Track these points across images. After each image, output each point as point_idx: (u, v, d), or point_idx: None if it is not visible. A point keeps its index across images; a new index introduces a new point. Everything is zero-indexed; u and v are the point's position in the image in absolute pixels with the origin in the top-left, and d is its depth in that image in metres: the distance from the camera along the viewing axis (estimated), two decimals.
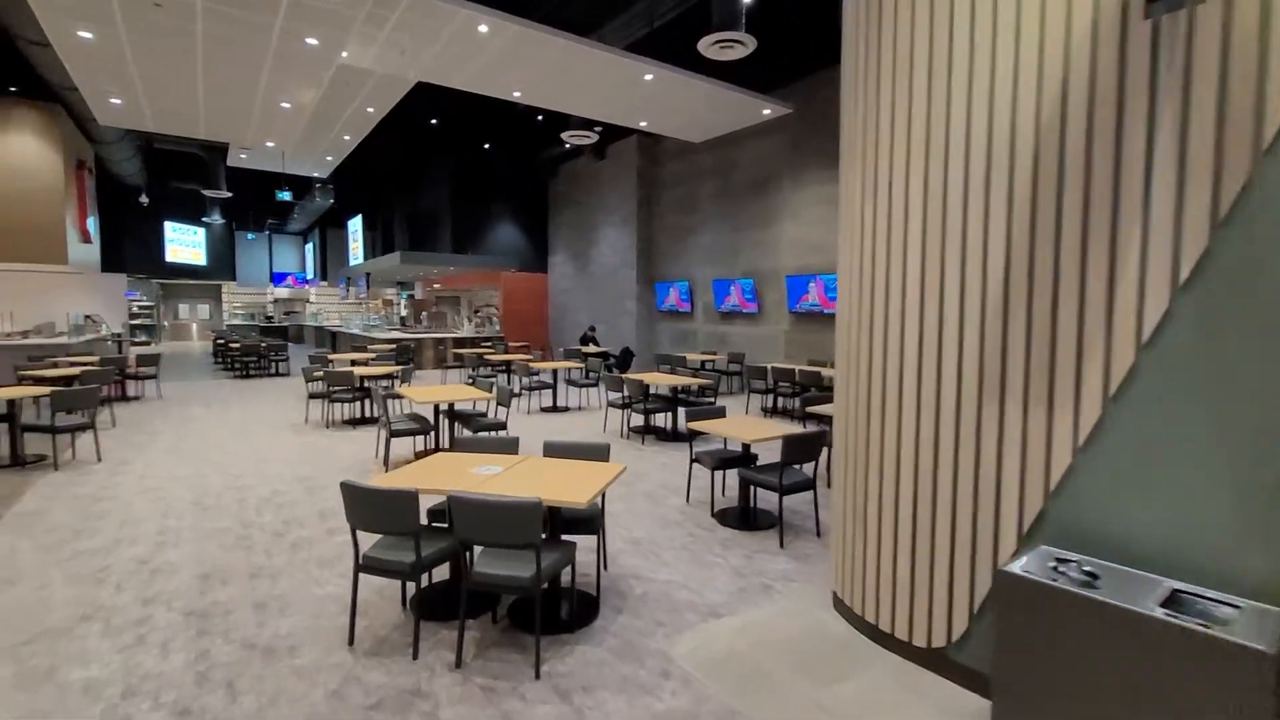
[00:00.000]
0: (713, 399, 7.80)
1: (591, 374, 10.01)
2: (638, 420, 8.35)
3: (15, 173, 11.47)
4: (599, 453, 3.69)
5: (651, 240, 14.64)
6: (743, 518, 4.59)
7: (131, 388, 11.08)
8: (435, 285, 24.70)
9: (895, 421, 2.77)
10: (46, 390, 6.03)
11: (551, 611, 3.13)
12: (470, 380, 11.95)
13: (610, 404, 7.85)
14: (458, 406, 6.57)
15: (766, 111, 9.90)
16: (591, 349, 13.45)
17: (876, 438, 2.86)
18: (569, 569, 3.13)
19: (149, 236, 22.14)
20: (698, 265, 13.31)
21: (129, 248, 21.24)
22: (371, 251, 22.49)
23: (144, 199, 14.61)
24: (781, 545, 4.15)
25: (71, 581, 3.52)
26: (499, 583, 2.67)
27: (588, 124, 11.83)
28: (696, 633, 3.02)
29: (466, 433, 6.44)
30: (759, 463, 4.68)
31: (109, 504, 4.92)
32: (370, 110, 11.58)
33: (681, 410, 8.46)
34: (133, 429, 7.95)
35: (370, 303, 26.99)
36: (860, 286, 2.99)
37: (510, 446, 3.85)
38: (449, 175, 17.56)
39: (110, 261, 19.05)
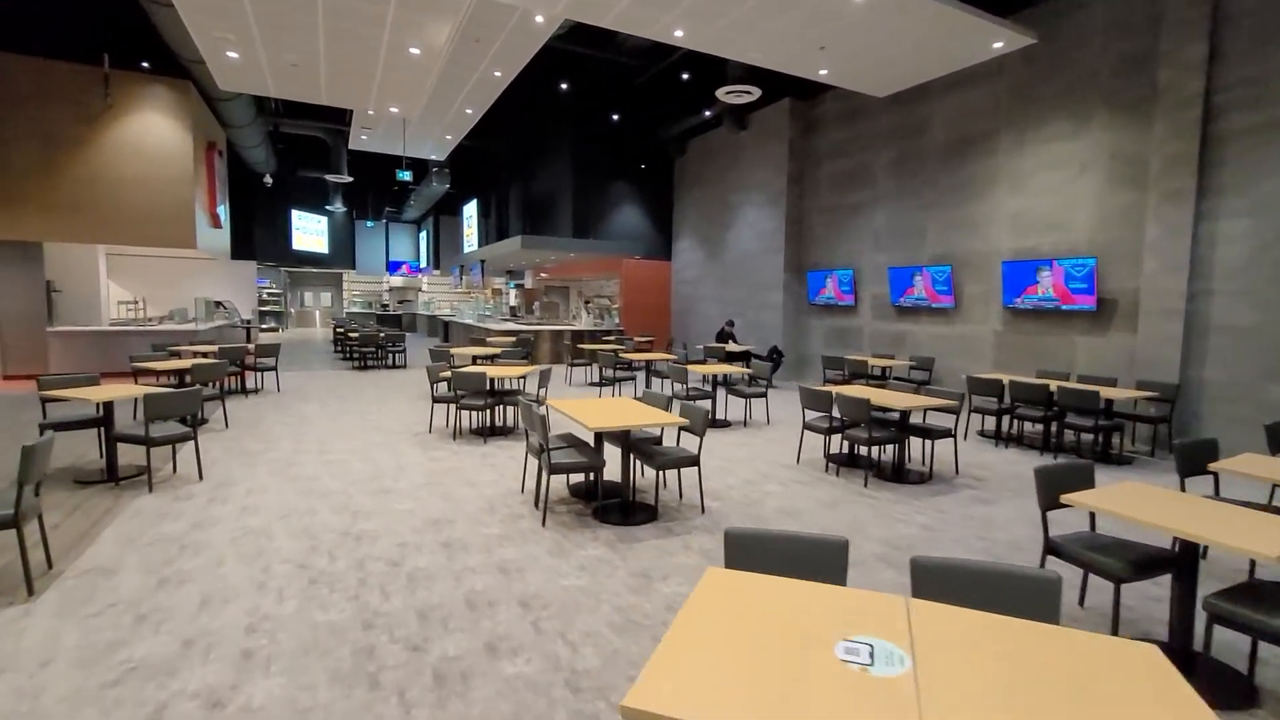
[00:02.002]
0: (951, 427, 5.74)
1: (759, 380, 8.16)
2: (820, 446, 6.42)
3: (146, 152, 11.13)
4: (1042, 596, 1.82)
5: (802, 222, 12.54)
6: (1213, 680, 2.58)
7: (250, 379, 10.44)
8: (543, 274, 23.76)
9: None
10: (142, 391, 4.96)
11: None
12: (606, 382, 10.47)
13: (809, 426, 5.96)
14: (601, 426, 4.92)
15: (998, 45, 7.58)
16: (733, 346, 11.61)
17: None
18: None
19: (277, 224, 22.56)
20: (865, 250, 11.09)
21: (259, 235, 21.67)
22: (485, 239, 21.76)
23: (268, 179, 14.31)
24: None
25: None
26: None
27: (745, 79, 9.94)
28: None
29: (646, 469, 4.80)
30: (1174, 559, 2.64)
31: (194, 560, 3.64)
32: (498, 74, 10.28)
33: (916, 441, 6.44)
34: (244, 431, 6.97)
35: (478, 292, 26.54)
36: None
37: (832, 559, 2.07)
38: (570, 156, 16.23)
39: (241, 249, 19.33)
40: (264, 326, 24.30)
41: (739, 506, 4.81)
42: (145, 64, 11.09)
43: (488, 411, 7.04)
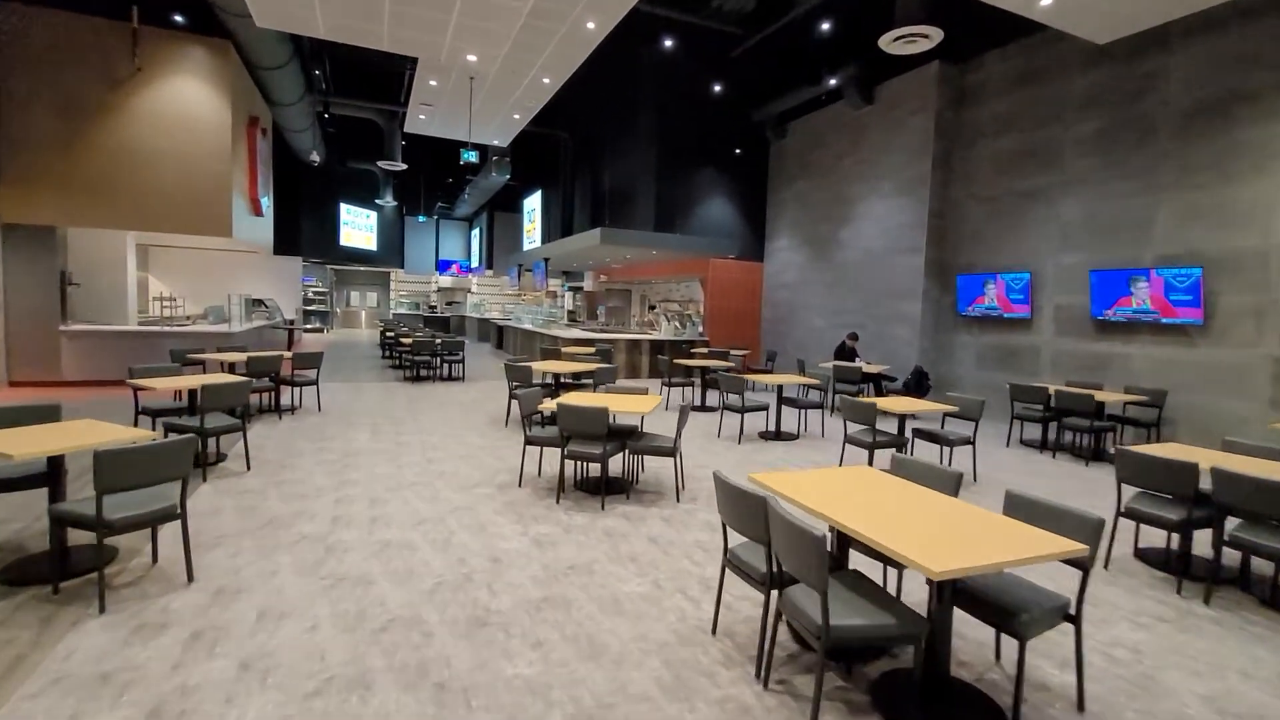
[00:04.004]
0: None
1: (966, 417, 5.93)
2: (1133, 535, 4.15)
3: (179, 123, 9.54)
4: None
5: (949, 215, 10.24)
6: None
7: (286, 393, 8.69)
8: (603, 276, 21.85)
9: None
10: (92, 444, 3.07)
11: None
12: (729, 409, 7.50)
13: (1134, 514, 3.72)
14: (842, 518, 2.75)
15: None
16: (865, 366, 9.36)
17: None
18: None
19: (324, 218, 21.19)
20: (1048, 248, 8.74)
21: (306, 229, 20.29)
22: (548, 235, 19.93)
23: (314, 157, 12.69)
24: None
25: None
26: None
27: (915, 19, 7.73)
28: None
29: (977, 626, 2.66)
30: None
31: None
32: (591, 25, 8.34)
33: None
34: (270, 477, 5.08)
35: (533, 294, 24.76)
36: None
37: None
38: (649, 142, 14.21)
39: (286, 243, 17.93)
40: (308, 327, 23.02)
41: (1118, 687, 2.62)
42: (179, 18, 9.52)
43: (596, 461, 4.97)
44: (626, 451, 5.04)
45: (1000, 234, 9.39)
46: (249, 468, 5.32)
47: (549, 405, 4.82)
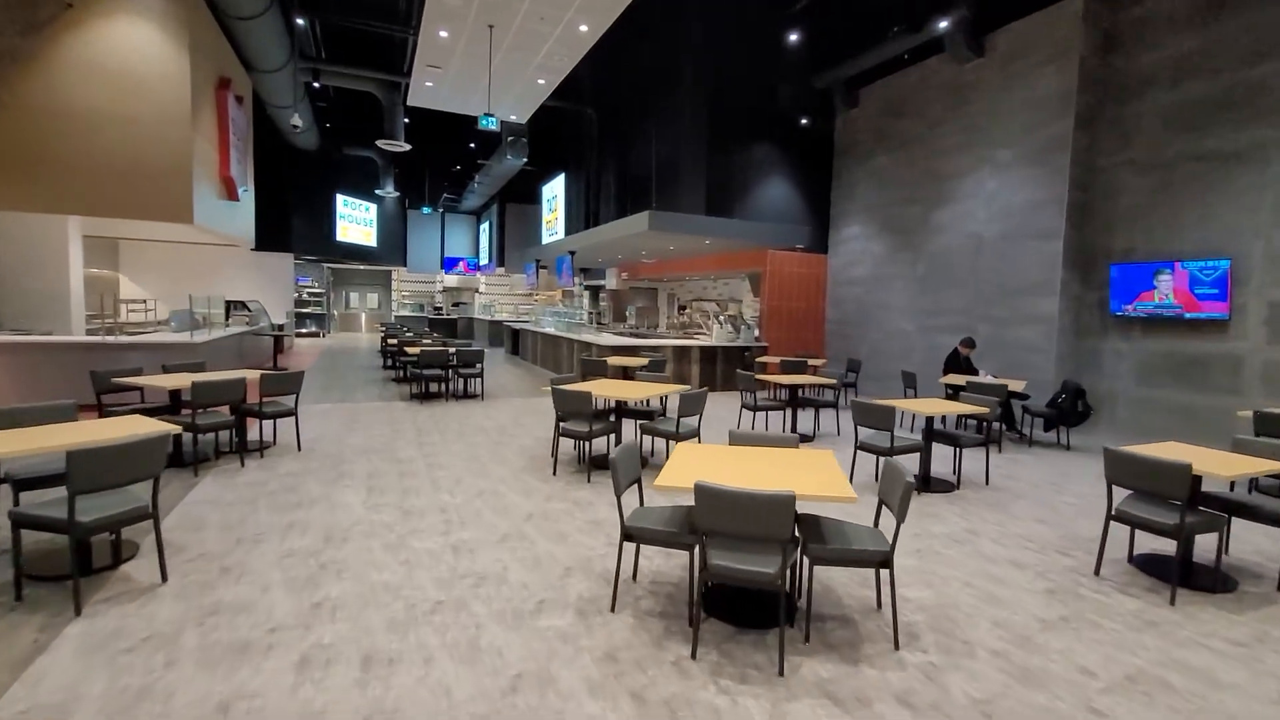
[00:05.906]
0: None
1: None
2: None
3: (122, 77, 7.52)
4: None
5: (1096, 188, 8.16)
6: None
7: (254, 425, 6.64)
8: (624, 274, 19.82)
9: None
10: None
11: None
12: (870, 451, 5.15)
13: None
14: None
15: None
16: (1010, 384, 7.27)
17: None
18: None
19: (318, 211, 19.13)
20: (1256, 225, 6.67)
21: (297, 224, 18.23)
22: (570, 226, 17.85)
23: (297, 121, 10.63)
24: None
25: None
26: None
27: None
28: None
29: None
30: None
31: None
32: None
33: None
34: (194, 599, 3.01)
35: (544, 293, 22.72)
36: None
37: None
38: (693, 116, 12.15)
39: (275, 238, 15.93)
40: (303, 331, 21.02)
41: None
42: None
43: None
44: (801, 555, 2.98)
45: (1176, 210, 7.31)
46: (164, 577, 3.26)
47: (673, 483, 2.74)
